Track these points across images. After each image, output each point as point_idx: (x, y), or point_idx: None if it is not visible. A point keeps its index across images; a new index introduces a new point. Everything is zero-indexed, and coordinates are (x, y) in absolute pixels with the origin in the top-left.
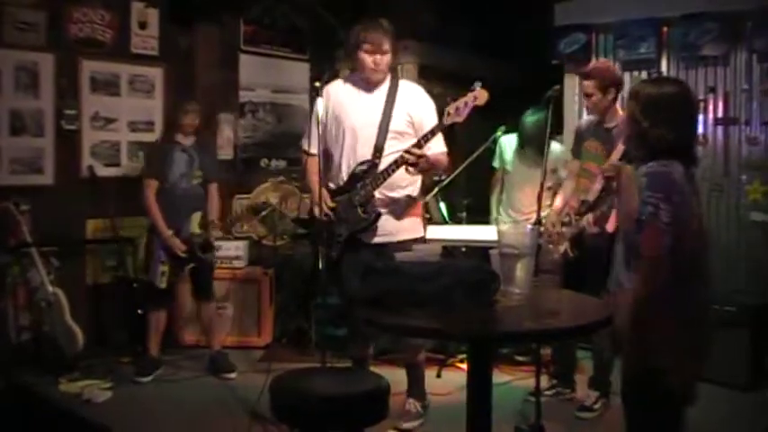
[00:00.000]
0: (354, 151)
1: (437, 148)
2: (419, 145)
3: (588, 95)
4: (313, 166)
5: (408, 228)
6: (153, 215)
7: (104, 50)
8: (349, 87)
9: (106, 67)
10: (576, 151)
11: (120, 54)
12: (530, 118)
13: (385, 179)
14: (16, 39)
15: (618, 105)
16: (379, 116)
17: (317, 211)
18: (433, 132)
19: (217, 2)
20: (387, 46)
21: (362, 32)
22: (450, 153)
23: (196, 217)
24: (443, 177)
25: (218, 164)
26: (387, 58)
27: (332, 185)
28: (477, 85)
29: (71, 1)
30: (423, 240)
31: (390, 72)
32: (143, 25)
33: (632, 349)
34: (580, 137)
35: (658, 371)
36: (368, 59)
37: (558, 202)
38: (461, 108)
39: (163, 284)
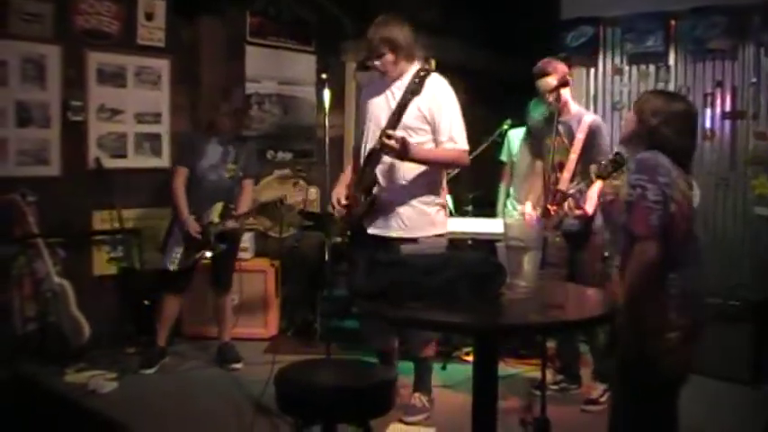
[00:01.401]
0: (369, 142)
1: (452, 143)
2: (392, 126)
3: (552, 90)
4: (353, 160)
5: (415, 222)
6: (176, 199)
7: (111, 42)
8: (377, 81)
9: (112, 59)
10: (539, 151)
11: (127, 45)
12: (536, 108)
13: (377, 162)
14: (23, 30)
15: (570, 98)
16: (392, 109)
17: (333, 198)
18: (399, 112)
19: None
20: (383, 48)
21: (364, 42)
22: None
23: (218, 207)
24: (449, 170)
25: (257, 162)
26: (388, 58)
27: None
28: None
29: None
30: (440, 237)
31: (422, 63)
32: (149, 17)
33: (627, 331)
34: (539, 136)
35: (651, 352)
36: (371, 58)
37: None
38: (419, 82)
39: (173, 267)
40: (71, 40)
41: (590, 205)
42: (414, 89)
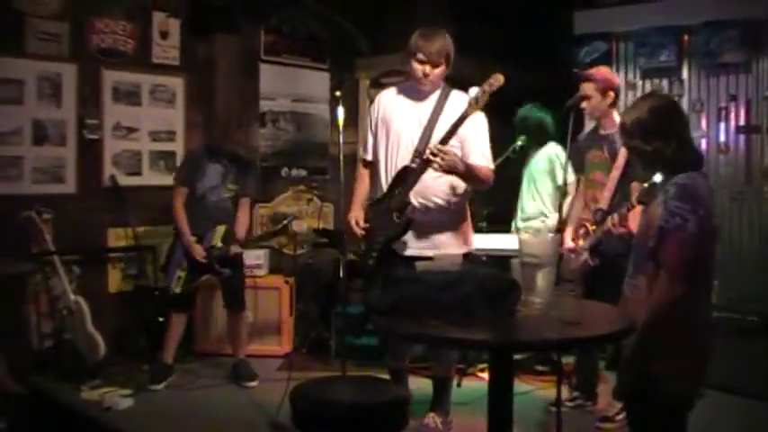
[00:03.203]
0: (397, 159)
1: (480, 161)
2: (444, 141)
3: (587, 98)
4: (362, 176)
5: (447, 242)
6: (178, 220)
7: (126, 60)
8: (400, 96)
9: (128, 77)
10: (579, 165)
11: (142, 64)
12: (521, 112)
13: (415, 182)
14: (39, 49)
15: (615, 113)
16: (423, 125)
17: (352, 221)
18: (455, 126)
19: (237, 12)
20: (440, 58)
21: (417, 41)
22: None
23: (220, 230)
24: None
25: (256, 182)
26: (439, 70)
27: (376, 195)
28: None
29: (93, 12)
30: (467, 256)
31: (444, 82)
32: (164, 35)
33: (634, 354)
34: (580, 150)
35: (657, 377)
36: (418, 69)
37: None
38: (479, 97)
39: (177, 289)
40: (87, 58)
41: (633, 223)
42: (465, 114)
